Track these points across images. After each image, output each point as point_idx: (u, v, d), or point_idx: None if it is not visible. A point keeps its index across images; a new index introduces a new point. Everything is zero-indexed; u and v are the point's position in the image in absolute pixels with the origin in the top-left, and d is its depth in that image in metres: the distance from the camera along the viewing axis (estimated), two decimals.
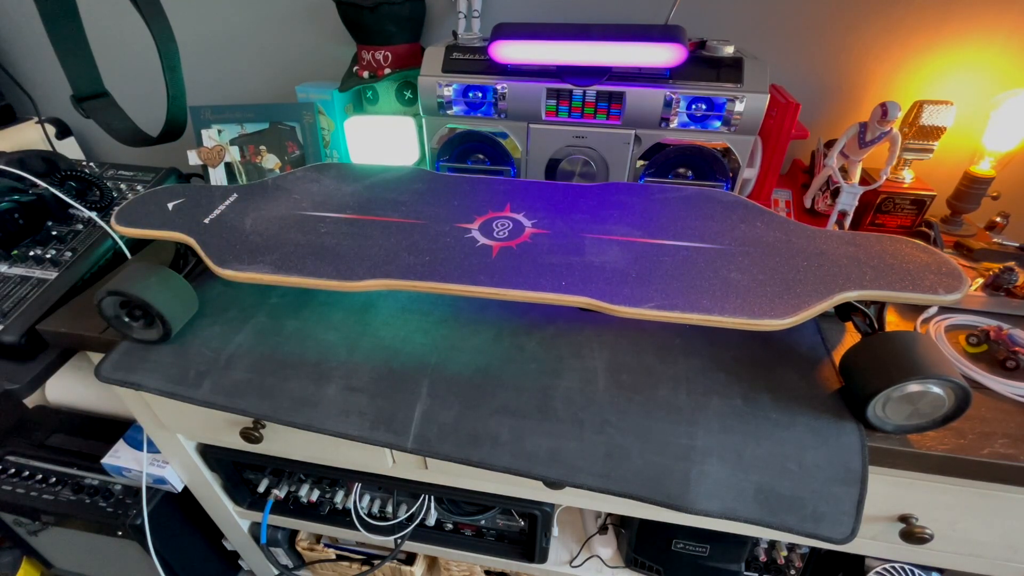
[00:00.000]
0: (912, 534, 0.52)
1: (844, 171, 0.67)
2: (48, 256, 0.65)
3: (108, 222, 0.60)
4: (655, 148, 0.63)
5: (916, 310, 0.57)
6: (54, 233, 0.68)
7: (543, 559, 0.78)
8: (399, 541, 0.78)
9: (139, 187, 0.78)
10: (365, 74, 0.77)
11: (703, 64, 0.60)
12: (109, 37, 0.91)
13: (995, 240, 0.68)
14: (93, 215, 0.68)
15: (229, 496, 0.83)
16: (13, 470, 0.86)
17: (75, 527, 0.86)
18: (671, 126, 0.61)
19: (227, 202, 0.56)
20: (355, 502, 0.79)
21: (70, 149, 1.02)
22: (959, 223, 0.71)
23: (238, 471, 0.80)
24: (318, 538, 0.95)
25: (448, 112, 0.66)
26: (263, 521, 0.80)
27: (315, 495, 0.80)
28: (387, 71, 0.75)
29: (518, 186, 0.60)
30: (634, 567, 0.80)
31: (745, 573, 0.75)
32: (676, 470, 0.43)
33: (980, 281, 0.60)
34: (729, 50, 0.61)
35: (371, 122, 0.79)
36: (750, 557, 0.76)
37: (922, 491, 0.51)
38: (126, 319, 0.51)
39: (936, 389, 0.40)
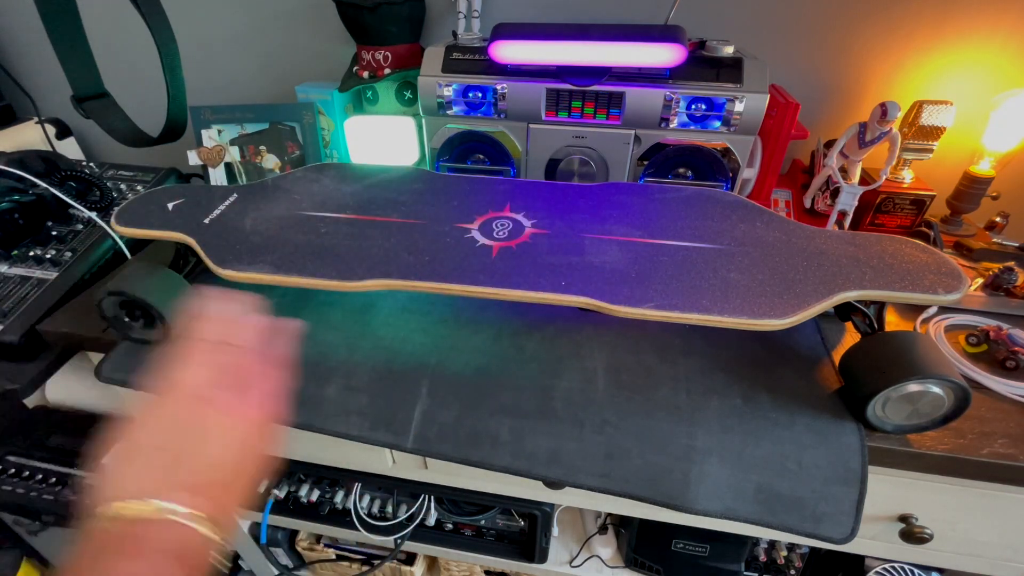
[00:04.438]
0: (912, 534, 0.52)
1: (844, 171, 0.67)
2: (48, 256, 0.65)
3: (108, 222, 0.60)
4: (655, 148, 0.63)
5: (916, 310, 0.57)
6: (54, 233, 0.68)
7: (543, 559, 0.78)
8: (399, 541, 0.78)
9: (139, 187, 0.78)
10: (365, 74, 0.77)
11: (703, 64, 0.60)
12: (109, 37, 0.91)
13: (995, 240, 0.68)
14: (93, 215, 0.68)
15: None
16: (13, 470, 0.86)
17: (75, 527, 0.86)
18: (671, 126, 0.61)
19: (227, 202, 0.56)
20: (355, 502, 0.79)
21: (70, 149, 1.02)
22: (959, 223, 0.71)
23: None
24: (318, 538, 0.95)
25: (448, 112, 0.66)
26: (263, 521, 0.80)
27: (315, 495, 0.80)
28: (387, 71, 0.75)
29: (518, 186, 0.60)
30: (634, 567, 0.80)
31: (745, 573, 0.75)
32: (676, 470, 0.43)
33: (980, 281, 0.59)
34: (729, 50, 0.61)
35: (371, 122, 0.79)
36: (750, 557, 0.76)
37: (922, 491, 0.51)
38: (126, 319, 0.51)
39: (936, 389, 0.40)
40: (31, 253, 0.65)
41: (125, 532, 0.23)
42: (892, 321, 0.56)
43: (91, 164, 0.83)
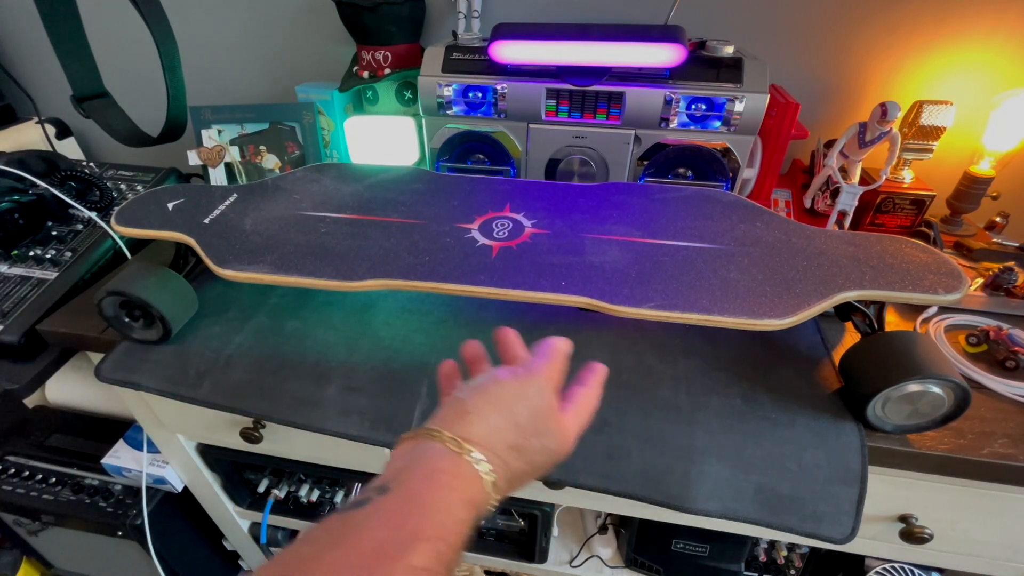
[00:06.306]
0: (912, 534, 0.52)
1: (844, 171, 0.67)
2: (48, 256, 0.65)
3: (108, 222, 0.60)
4: (655, 148, 0.63)
5: (916, 310, 0.57)
6: (54, 233, 0.68)
7: (543, 559, 0.78)
8: None
9: (139, 187, 0.78)
10: (365, 74, 0.77)
11: (703, 64, 0.60)
12: (109, 37, 0.91)
13: (995, 240, 0.68)
14: (93, 215, 0.68)
15: (229, 496, 0.83)
16: (13, 470, 0.86)
17: (75, 527, 0.86)
18: (671, 126, 0.61)
19: (227, 202, 0.56)
20: None
21: (70, 149, 1.02)
22: (959, 223, 0.71)
23: (238, 471, 0.80)
24: None
25: (448, 112, 0.66)
26: (263, 521, 0.80)
27: (315, 495, 0.80)
28: (387, 71, 0.75)
29: (518, 186, 0.60)
30: (634, 567, 0.80)
31: (745, 573, 0.75)
32: (676, 470, 0.43)
33: (980, 281, 0.60)
34: (729, 50, 0.61)
35: (371, 122, 0.79)
36: (750, 557, 0.76)
37: (922, 491, 0.51)
38: (126, 319, 0.51)
39: (936, 389, 0.40)
40: (31, 253, 0.65)
41: (443, 458, 0.27)
42: (892, 321, 0.56)
43: (91, 164, 0.83)
